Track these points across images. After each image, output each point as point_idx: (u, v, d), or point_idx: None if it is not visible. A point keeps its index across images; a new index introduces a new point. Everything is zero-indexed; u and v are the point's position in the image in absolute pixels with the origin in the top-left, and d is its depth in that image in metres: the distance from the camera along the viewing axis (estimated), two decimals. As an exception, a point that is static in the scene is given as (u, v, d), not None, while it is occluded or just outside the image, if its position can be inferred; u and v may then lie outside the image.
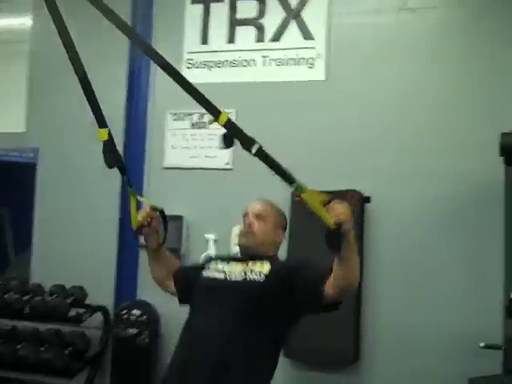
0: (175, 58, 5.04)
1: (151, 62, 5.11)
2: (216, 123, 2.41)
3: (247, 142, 2.33)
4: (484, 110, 4.27)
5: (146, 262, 4.98)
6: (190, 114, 4.97)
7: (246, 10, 4.90)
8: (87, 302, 5.00)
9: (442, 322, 4.21)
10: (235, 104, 4.87)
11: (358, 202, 4.37)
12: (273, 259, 2.72)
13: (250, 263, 2.69)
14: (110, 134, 2.54)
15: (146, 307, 4.85)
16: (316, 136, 4.65)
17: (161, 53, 5.13)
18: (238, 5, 4.93)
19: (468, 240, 4.18)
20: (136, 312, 4.79)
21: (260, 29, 4.87)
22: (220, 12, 4.96)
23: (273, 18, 4.82)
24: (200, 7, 5.03)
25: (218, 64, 4.96)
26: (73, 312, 4.86)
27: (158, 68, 5.27)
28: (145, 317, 4.77)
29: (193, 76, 5.00)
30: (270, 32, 4.84)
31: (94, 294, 5.00)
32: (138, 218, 2.70)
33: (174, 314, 4.83)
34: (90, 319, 4.92)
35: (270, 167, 2.33)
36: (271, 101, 4.78)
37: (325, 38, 4.67)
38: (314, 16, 4.71)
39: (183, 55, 5.06)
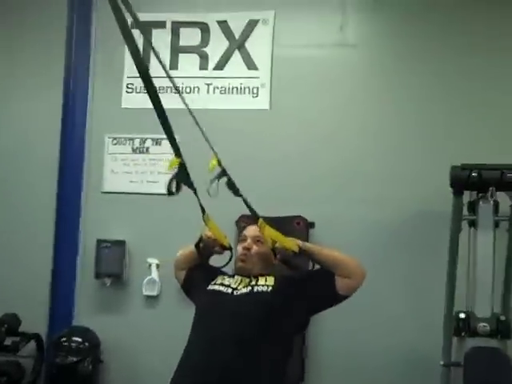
0: (115, 82, 5.03)
1: (88, 85, 5.10)
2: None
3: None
4: (433, 143, 4.54)
5: (83, 286, 4.92)
6: (131, 139, 4.96)
7: (190, 37, 4.94)
8: (21, 329, 4.83)
9: (387, 343, 4.41)
10: (177, 131, 4.83)
11: (304, 227, 4.56)
12: (274, 274, 2.96)
13: (254, 279, 2.92)
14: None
15: (86, 333, 4.75)
16: (261, 164, 4.75)
17: (101, 76, 5.16)
18: (181, 32, 4.97)
19: (413, 265, 4.44)
20: (76, 339, 4.67)
21: (203, 57, 4.92)
22: (162, 38, 4.94)
23: (216, 47, 4.89)
24: (141, 32, 5.02)
25: (160, 90, 4.87)
26: (8, 341, 4.71)
27: (96, 92, 5.22)
28: (86, 343, 4.67)
29: (133, 101, 4.99)
30: (213, 60, 4.90)
31: (27, 321, 4.84)
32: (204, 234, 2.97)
33: (114, 338, 4.85)
34: (25, 347, 4.79)
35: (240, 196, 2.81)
36: (215, 128, 4.74)
37: (269, 68, 4.80)
38: (257, 47, 4.82)
39: (123, 79, 5.03)
